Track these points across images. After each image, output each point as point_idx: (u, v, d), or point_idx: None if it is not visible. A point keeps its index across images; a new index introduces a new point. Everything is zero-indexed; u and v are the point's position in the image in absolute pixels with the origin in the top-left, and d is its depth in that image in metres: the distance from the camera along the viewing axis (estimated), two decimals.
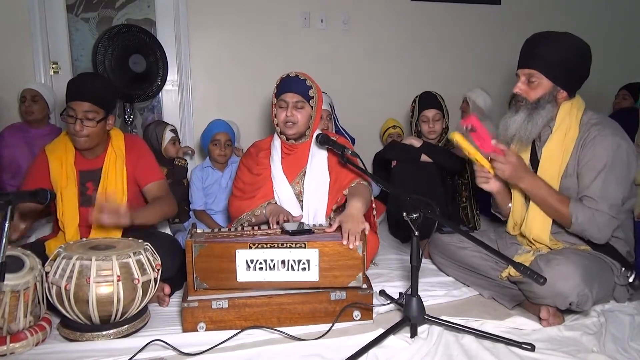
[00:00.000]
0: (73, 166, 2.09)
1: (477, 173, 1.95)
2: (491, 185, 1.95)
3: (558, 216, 1.81)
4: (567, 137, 1.84)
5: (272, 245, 1.75)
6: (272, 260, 1.75)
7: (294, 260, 1.76)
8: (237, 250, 1.74)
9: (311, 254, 1.76)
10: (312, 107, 2.14)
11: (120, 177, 2.10)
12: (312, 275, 1.77)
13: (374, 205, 2.22)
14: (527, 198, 1.94)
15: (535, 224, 1.89)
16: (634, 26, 4.40)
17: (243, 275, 1.75)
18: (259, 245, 1.74)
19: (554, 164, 1.86)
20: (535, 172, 1.92)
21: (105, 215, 1.84)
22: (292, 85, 2.10)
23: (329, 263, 1.77)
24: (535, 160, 1.95)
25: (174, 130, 2.99)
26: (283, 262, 1.76)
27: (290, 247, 1.75)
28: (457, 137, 1.80)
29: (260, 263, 1.75)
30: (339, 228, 1.84)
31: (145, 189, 2.19)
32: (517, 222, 2.00)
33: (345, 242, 1.76)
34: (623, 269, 1.86)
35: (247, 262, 1.75)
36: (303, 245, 1.75)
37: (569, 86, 1.85)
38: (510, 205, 2.03)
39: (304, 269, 1.76)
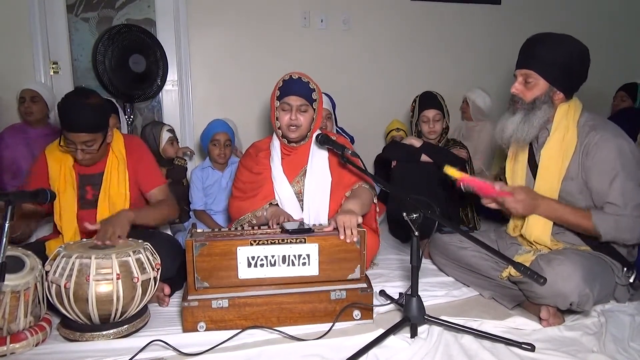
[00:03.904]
0: (72, 169, 2.09)
1: (483, 201, 1.94)
2: (495, 206, 1.94)
3: (585, 231, 1.82)
4: (565, 139, 1.85)
5: (273, 242, 1.76)
6: (272, 257, 1.77)
7: (295, 256, 1.77)
8: (238, 248, 1.74)
9: (311, 249, 1.78)
10: (314, 109, 2.13)
11: (122, 181, 2.11)
12: (312, 270, 1.79)
13: (377, 210, 2.22)
14: None
15: (536, 226, 1.89)
16: (633, 26, 4.40)
17: (244, 272, 1.76)
18: (260, 242, 1.75)
19: (554, 166, 1.86)
20: (535, 175, 1.93)
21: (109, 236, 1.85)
22: (295, 87, 2.08)
23: (329, 257, 1.79)
24: (533, 164, 1.95)
25: (172, 130, 2.98)
26: (284, 257, 1.77)
27: (291, 242, 1.77)
28: (450, 172, 1.81)
29: (262, 259, 1.76)
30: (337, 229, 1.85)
31: (148, 195, 2.21)
32: (518, 224, 2.00)
33: (342, 237, 1.77)
34: (624, 269, 1.86)
35: (248, 259, 1.75)
36: (303, 241, 1.78)
37: (566, 88, 1.85)
38: None
39: (304, 263, 1.78)
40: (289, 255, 1.77)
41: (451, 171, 1.81)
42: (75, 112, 1.93)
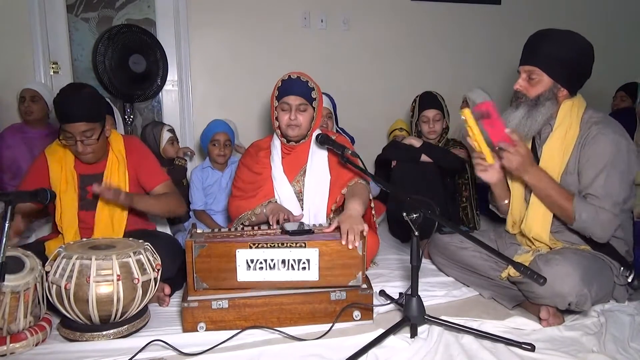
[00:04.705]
0: (73, 170, 2.08)
1: (475, 161, 1.92)
2: (489, 175, 1.92)
3: (560, 212, 1.80)
4: (567, 135, 1.84)
5: (273, 245, 1.75)
6: (272, 260, 1.75)
7: (294, 260, 1.76)
8: (237, 250, 1.74)
9: (311, 254, 1.76)
10: (314, 108, 2.13)
11: (123, 182, 2.11)
12: (312, 275, 1.77)
13: (372, 205, 2.22)
14: (526, 196, 1.94)
15: (535, 222, 1.89)
16: (633, 26, 4.40)
17: (243, 275, 1.76)
18: (259, 245, 1.74)
19: (555, 162, 1.86)
20: None
21: (107, 191, 1.93)
22: (294, 87, 2.08)
23: (329, 262, 1.77)
24: (535, 158, 1.95)
25: (172, 130, 2.98)
26: (283, 261, 1.76)
27: (291, 246, 1.75)
28: (466, 114, 1.75)
29: (261, 263, 1.75)
30: (338, 228, 1.84)
31: (153, 192, 2.21)
32: (517, 220, 2.00)
33: (344, 242, 1.76)
34: (622, 268, 1.86)
35: (247, 262, 1.75)
36: (303, 245, 1.76)
37: (570, 84, 1.85)
38: (506, 201, 2.03)
39: (304, 268, 1.77)
40: (288, 260, 1.76)
41: (467, 114, 1.75)
42: (71, 102, 1.94)
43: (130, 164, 2.14)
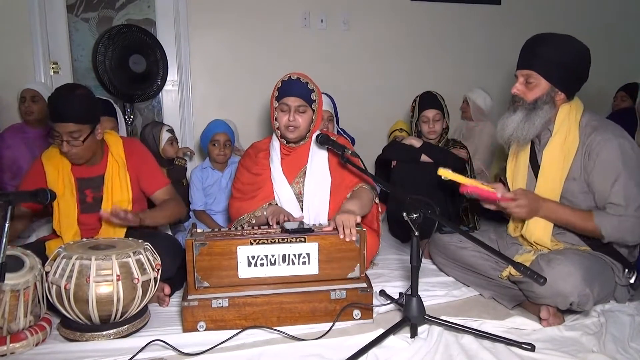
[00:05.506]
0: (70, 173, 2.08)
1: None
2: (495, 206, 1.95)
3: (587, 233, 1.83)
4: (567, 140, 1.85)
5: (273, 241, 1.77)
6: (272, 256, 1.77)
7: (295, 255, 1.78)
8: (238, 247, 1.75)
9: (311, 248, 1.78)
10: (313, 110, 2.13)
11: (124, 184, 2.10)
12: (312, 269, 1.80)
13: (380, 210, 2.22)
14: None
15: (537, 227, 1.89)
16: (633, 26, 4.40)
17: (244, 271, 1.77)
18: (260, 242, 1.76)
19: (556, 167, 1.86)
20: (537, 175, 1.93)
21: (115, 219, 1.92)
22: (294, 88, 2.08)
23: (328, 255, 1.80)
24: (535, 164, 1.95)
25: (171, 131, 2.98)
26: (284, 257, 1.78)
27: (291, 241, 1.78)
28: (443, 174, 1.80)
29: (262, 259, 1.77)
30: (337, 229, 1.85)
31: (153, 197, 2.21)
32: (518, 225, 2.01)
33: (341, 236, 1.78)
34: (625, 269, 1.86)
35: (248, 259, 1.76)
36: (303, 240, 1.78)
37: (567, 88, 1.85)
38: None
39: (304, 262, 1.79)
40: (289, 255, 1.78)
41: (444, 172, 1.80)
42: (63, 102, 1.94)
43: (130, 166, 2.13)
